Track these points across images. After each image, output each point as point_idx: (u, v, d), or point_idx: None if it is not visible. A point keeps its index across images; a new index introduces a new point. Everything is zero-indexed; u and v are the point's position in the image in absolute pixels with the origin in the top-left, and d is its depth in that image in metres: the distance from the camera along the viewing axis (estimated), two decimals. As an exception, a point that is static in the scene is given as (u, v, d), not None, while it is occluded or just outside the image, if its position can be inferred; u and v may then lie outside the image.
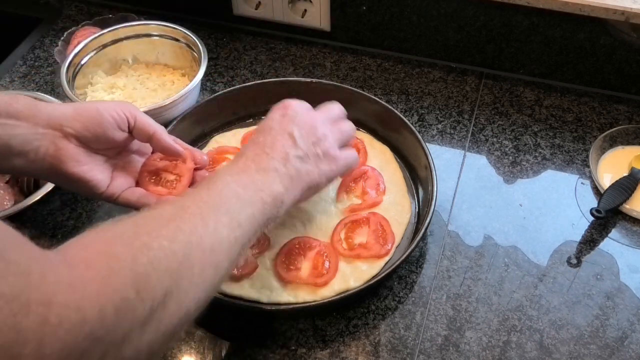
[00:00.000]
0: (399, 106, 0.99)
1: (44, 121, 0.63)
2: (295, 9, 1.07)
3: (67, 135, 0.64)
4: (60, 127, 0.63)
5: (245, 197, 0.59)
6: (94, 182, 0.66)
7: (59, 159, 0.63)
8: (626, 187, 0.83)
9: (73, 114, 0.64)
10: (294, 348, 0.72)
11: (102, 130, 0.66)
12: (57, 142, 0.63)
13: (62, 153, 0.63)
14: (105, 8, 1.18)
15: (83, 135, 0.65)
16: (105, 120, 0.66)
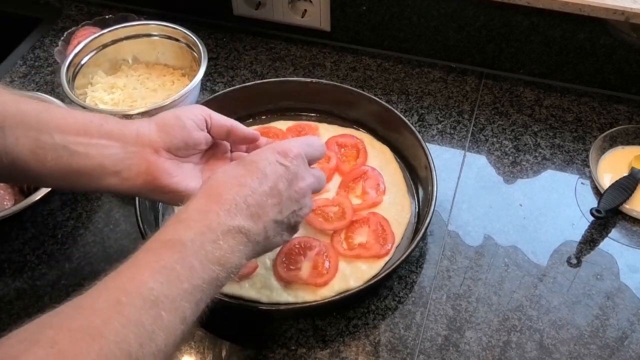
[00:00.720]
0: (399, 106, 0.99)
1: (132, 139, 0.64)
2: (295, 9, 1.07)
3: (157, 150, 0.65)
4: (149, 142, 0.65)
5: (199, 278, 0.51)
6: (187, 191, 0.66)
7: (152, 174, 0.64)
8: (626, 187, 0.83)
9: (157, 127, 0.66)
10: (294, 348, 0.72)
11: (187, 134, 0.66)
12: (148, 158, 0.64)
13: (154, 168, 0.64)
14: (105, 8, 1.18)
15: (172, 144, 0.66)
16: (188, 124, 0.67)
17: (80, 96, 0.92)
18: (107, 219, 0.85)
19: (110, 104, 0.93)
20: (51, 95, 0.93)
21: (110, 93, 0.95)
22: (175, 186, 0.66)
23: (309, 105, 0.95)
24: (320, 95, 0.93)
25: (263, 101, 0.95)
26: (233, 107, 0.94)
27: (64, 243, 0.82)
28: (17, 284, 0.78)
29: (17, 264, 0.80)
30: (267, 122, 0.94)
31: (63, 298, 0.76)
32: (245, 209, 0.56)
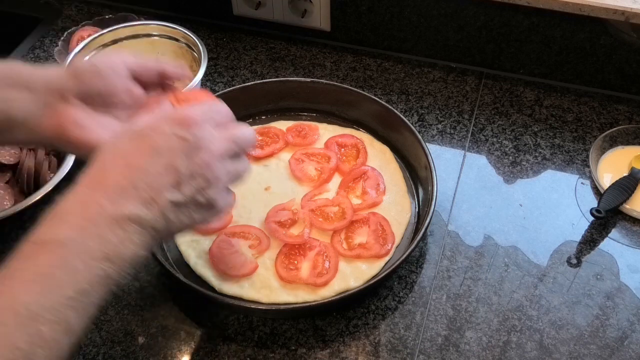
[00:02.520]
0: (399, 106, 0.99)
1: (42, 87, 0.58)
2: (295, 9, 1.07)
3: (66, 98, 0.59)
4: (58, 89, 0.59)
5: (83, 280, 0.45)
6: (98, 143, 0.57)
7: (59, 124, 0.58)
8: (626, 187, 0.83)
9: (69, 73, 0.60)
10: (294, 348, 0.72)
11: (101, 81, 0.60)
12: (57, 107, 0.58)
13: (63, 118, 0.58)
14: (105, 8, 1.18)
15: (82, 91, 0.59)
16: (102, 70, 0.60)
17: (80, 96, 0.92)
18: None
19: (110, 104, 0.93)
20: (51, 95, 0.93)
21: (110, 93, 0.95)
22: (84, 137, 0.59)
23: (309, 105, 0.95)
24: (320, 95, 0.93)
25: (263, 101, 0.95)
26: (233, 107, 0.93)
27: (64, 243, 0.82)
28: (17, 284, 0.77)
29: (17, 264, 0.79)
30: (267, 122, 0.94)
31: (63, 298, 0.76)
32: (135, 193, 0.48)
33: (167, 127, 0.51)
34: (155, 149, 0.50)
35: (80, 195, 0.48)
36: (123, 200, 0.47)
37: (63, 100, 0.59)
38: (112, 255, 0.46)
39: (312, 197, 0.83)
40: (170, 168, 0.50)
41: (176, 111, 0.55)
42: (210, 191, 0.53)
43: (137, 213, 0.48)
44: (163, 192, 0.49)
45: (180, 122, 0.51)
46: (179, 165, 0.50)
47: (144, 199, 0.48)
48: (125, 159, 0.49)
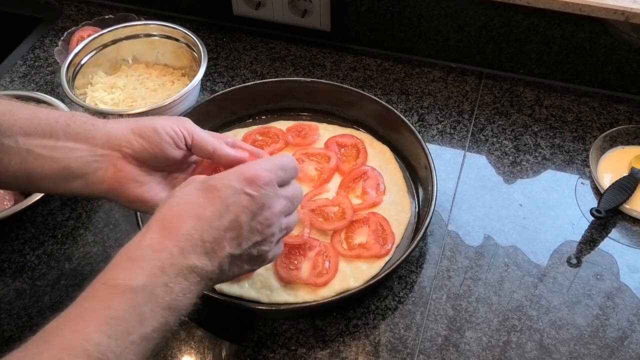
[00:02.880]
0: (399, 106, 0.99)
1: (102, 142, 0.61)
2: (295, 9, 1.07)
3: (125, 156, 0.62)
4: (118, 147, 0.61)
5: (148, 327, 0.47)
6: (155, 201, 0.63)
7: (119, 180, 0.61)
8: (626, 187, 0.83)
9: (131, 134, 0.62)
10: (294, 348, 0.72)
11: (160, 149, 0.63)
12: (116, 164, 0.61)
13: (121, 175, 0.61)
14: (105, 8, 1.18)
15: (142, 155, 0.62)
16: (164, 139, 0.63)
17: (80, 96, 0.92)
18: (107, 219, 0.85)
19: (110, 103, 0.93)
20: (51, 95, 0.93)
21: (110, 93, 0.95)
22: (142, 195, 0.62)
23: (309, 105, 0.95)
24: (320, 95, 0.93)
25: (263, 101, 0.95)
26: (233, 107, 0.94)
27: (64, 243, 0.82)
28: (17, 284, 0.78)
29: (17, 264, 0.80)
30: (267, 122, 0.94)
31: (63, 298, 0.77)
32: (201, 245, 0.51)
33: (237, 184, 0.54)
34: (225, 205, 0.53)
35: (153, 241, 0.51)
36: (191, 252, 0.51)
37: (123, 158, 0.62)
38: (174, 304, 0.49)
39: (312, 197, 0.83)
40: (235, 224, 0.54)
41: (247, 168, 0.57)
42: (264, 246, 0.57)
43: (199, 265, 0.51)
44: (225, 245, 0.53)
45: (249, 181, 0.55)
46: (243, 221, 0.54)
47: (207, 250, 0.52)
48: (195, 211, 0.53)
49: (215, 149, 0.65)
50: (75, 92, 0.91)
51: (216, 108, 0.93)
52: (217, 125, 0.94)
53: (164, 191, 0.65)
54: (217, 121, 0.93)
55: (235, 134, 0.92)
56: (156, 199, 0.63)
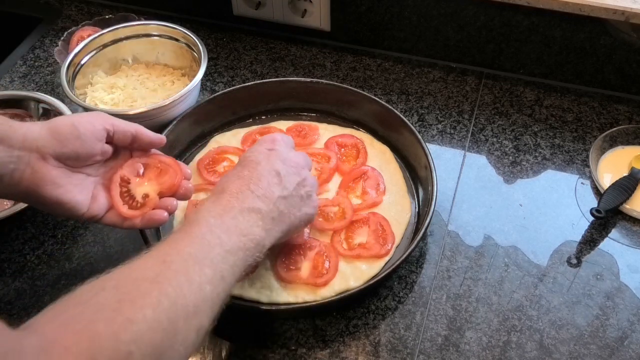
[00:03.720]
0: (399, 106, 0.99)
1: (19, 143, 0.59)
2: (295, 9, 1.07)
3: (44, 156, 0.61)
4: (36, 148, 0.60)
5: (228, 244, 0.57)
6: (73, 204, 0.63)
7: (36, 182, 0.60)
8: (626, 187, 0.83)
9: (49, 132, 0.61)
10: (294, 348, 0.72)
11: (80, 145, 0.63)
12: (33, 165, 0.60)
13: (38, 176, 0.60)
14: (105, 8, 1.18)
15: (61, 153, 0.62)
16: (82, 134, 0.62)
17: (80, 96, 0.92)
18: (107, 219, 0.85)
19: (110, 104, 0.93)
20: (51, 95, 0.93)
21: (110, 93, 0.95)
22: (59, 197, 0.62)
23: (309, 105, 0.95)
24: (320, 95, 0.94)
25: (263, 101, 0.95)
26: (233, 107, 0.94)
27: (64, 243, 0.82)
28: (17, 284, 0.78)
29: (17, 264, 0.80)
30: (267, 122, 0.94)
31: (63, 298, 0.76)
32: (251, 194, 0.62)
33: (259, 147, 0.69)
34: (256, 162, 0.66)
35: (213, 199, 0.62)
36: (246, 199, 0.62)
37: (41, 159, 0.61)
38: (246, 231, 0.59)
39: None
40: (272, 171, 0.65)
41: (264, 136, 0.71)
42: (306, 187, 0.68)
43: (257, 206, 0.62)
44: (273, 190, 0.64)
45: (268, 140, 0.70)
46: (278, 168, 0.66)
47: (260, 196, 0.63)
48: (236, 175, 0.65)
49: (137, 130, 0.68)
50: (75, 92, 0.91)
51: (216, 108, 0.93)
52: (217, 125, 0.94)
53: (83, 194, 0.64)
54: (217, 121, 0.94)
55: (235, 134, 0.92)
56: (74, 201, 0.63)
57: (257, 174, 0.65)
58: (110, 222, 0.67)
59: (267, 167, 0.66)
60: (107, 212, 0.67)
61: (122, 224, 0.68)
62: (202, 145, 0.92)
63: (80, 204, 0.64)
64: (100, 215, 0.66)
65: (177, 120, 0.88)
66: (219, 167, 0.87)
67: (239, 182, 0.63)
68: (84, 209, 0.64)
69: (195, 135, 0.92)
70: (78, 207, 0.64)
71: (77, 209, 0.64)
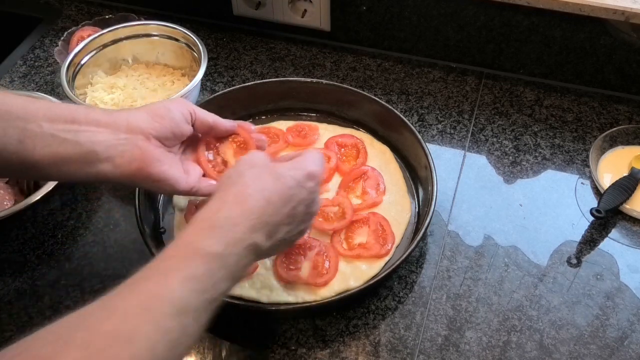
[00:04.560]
0: (399, 106, 0.99)
1: (124, 127, 0.64)
2: (295, 9, 1.07)
3: (148, 137, 0.65)
4: (140, 130, 0.65)
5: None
6: (176, 178, 0.67)
7: (144, 161, 0.64)
8: (626, 187, 0.83)
9: (149, 116, 0.66)
10: (294, 348, 0.72)
11: (176, 125, 0.68)
12: (140, 146, 0.64)
13: (146, 155, 0.65)
14: (105, 8, 1.18)
15: (162, 134, 0.67)
16: (176, 116, 0.68)
17: (80, 96, 0.92)
18: (107, 219, 0.85)
19: (110, 104, 0.93)
20: (51, 95, 0.93)
21: (110, 93, 0.95)
22: (164, 174, 0.66)
23: (309, 105, 0.95)
24: (320, 95, 0.94)
25: (263, 101, 0.95)
26: (233, 107, 0.94)
27: (64, 243, 0.82)
28: (17, 284, 0.78)
29: (17, 264, 0.80)
30: (267, 122, 0.94)
31: (63, 298, 0.76)
32: (264, 227, 0.58)
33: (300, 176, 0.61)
34: (289, 194, 0.60)
35: (231, 214, 0.56)
36: (258, 231, 0.57)
37: (146, 139, 0.65)
38: (237, 274, 0.55)
39: None
40: (292, 214, 0.60)
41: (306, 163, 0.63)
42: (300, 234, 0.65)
43: (260, 243, 0.57)
44: (280, 230, 0.60)
45: (309, 176, 0.62)
46: (298, 212, 0.61)
47: (268, 232, 0.58)
48: (264, 194, 0.59)
49: (215, 120, 0.73)
50: (75, 92, 0.91)
51: (216, 108, 0.92)
52: (217, 125, 0.94)
53: (179, 170, 0.69)
54: (217, 121, 0.93)
55: (235, 134, 0.92)
56: (176, 176, 0.68)
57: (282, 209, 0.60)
58: (207, 190, 0.71)
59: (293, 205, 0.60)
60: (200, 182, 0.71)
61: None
62: (202, 145, 0.92)
63: (181, 178, 0.68)
64: (197, 186, 0.70)
65: (177, 120, 0.88)
66: (219, 167, 0.87)
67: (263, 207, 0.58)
68: (183, 182, 0.69)
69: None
70: (180, 180, 0.68)
71: (179, 183, 0.68)
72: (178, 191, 0.69)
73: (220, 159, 0.75)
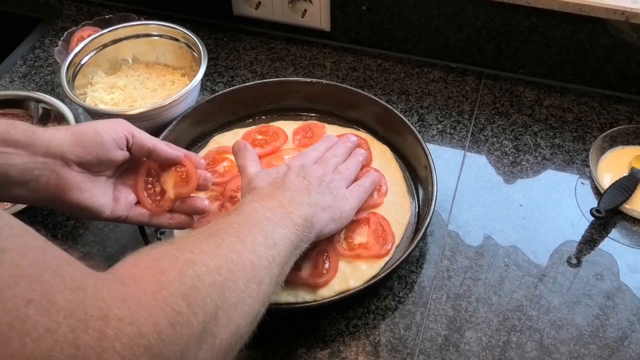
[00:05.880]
0: (399, 106, 0.99)
1: (43, 149, 0.60)
2: (295, 9, 1.07)
3: (68, 162, 0.62)
4: (61, 154, 0.61)
5: (275, 219, 0.60)
6: (98, 207, 0.65)
7: (61, 188, 0.62)
8: (626, 187, 0.83)
9: (73, 139, 0.62)
10: (293, 348, 0.72)
11: (103, 152, 0.64)
12: (58, 171, 0.61)
13: (64, 182, 0.62)
14: (105, 8, 1.18)
15: (85, 160, 0.63)
16: (106, 141, 0.64)
17: (80, 96, 0.92)
18: (107, 219, 0.85)
19: (110, 104, 0.93)
20: (51, 95, 0.93)
21: (110, 93, 0.95)
22: (83, 202, 0.63)
23: (309, 105, 0.95)
24: (320, 95, 0.94)
25: (263, 101, 0.95)
26: (233, 107, 0.94)
27: (64, 243, 0.82)
28: (17, 284, 0.77)
29: (17, 264, 0.79)
30: (267, 122, 0.94)
31: (63, 298, 0.76)
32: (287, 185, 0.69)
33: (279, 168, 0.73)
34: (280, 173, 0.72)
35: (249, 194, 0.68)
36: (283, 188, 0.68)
37: (65, 165, 0.62)
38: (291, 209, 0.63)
39: None
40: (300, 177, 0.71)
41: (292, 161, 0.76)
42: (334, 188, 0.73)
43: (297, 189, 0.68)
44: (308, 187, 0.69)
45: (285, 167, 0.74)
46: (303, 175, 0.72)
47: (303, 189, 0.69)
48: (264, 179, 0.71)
49: (155, 145, 0.69)
50: (75, 92, 0.91)
51: (216, 108, 0.93)
52: (217, 125, 0.94)
53: (105, 196, 0.66)
54: (217, 121, 0.94)
55: (235, 134, 0.92)
56: (98, 205, 0.65)
57: (286, 180, 0.69)
58: (136, 220, 0.70)
59: (292, 172, 0.71)
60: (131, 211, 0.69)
61: (150, 221, 0.71)
62: (202, 145, 0.92)
63: (104, 207, 0.66)
64: (125, 215, 0.68)
65: (177, 120, 0.88)
66: (219, 167, 0.87)
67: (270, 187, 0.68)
68: (107, 211, 0.66)
69: (195, 135, 0.92)
70: (102, 209, 0.66)
71: (102, 212, 0.66)
72: (103, 219, 0.67)
73: (160, 188, 0.71)
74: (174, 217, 0.72)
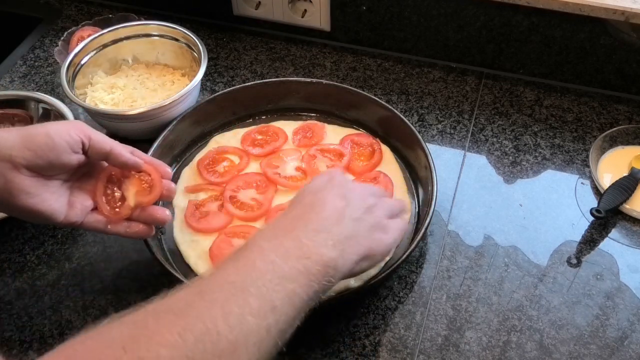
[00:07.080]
0: (399, 106, 0.99)
1: None
2: (295, 9, 1.07)
3: (17, 166, 0.59)
4: (9, 157, 0.58)
5: (284, 269, 0.51)
6: (49, 212, 0.62)
7: (10, 192, 0.59)
8: (626, 187, 0.83)
9: (23, 142, 0.59)
10: (293, 348, 0.72)
11: (55, 156, 0.61)
12: (6, 174, 0.59)
13: (12, 186, 0.59)
14: (105, 8, 1.18)
15: (35, 163, 0.60)
16: (58, 144, 0.61)
17: (80, 96, 0.92)
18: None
19: (110, 104, 0.93)
20: (51, 95, 0.93)
21: (110, 93, 0.95)
22: (34, 207, 0.61)
23: (309, 105, 0.95)
24: (320, 96, 0.94)
25: (263, 101, 0.95)
26: (233, 107, 0.94)
27: (64, 243, 0.82)
28: (17, 284, 0.78)
29: (17, 264, 0.80)
30: (267, 122, 0.94)
31: (63, 298, 0.76)
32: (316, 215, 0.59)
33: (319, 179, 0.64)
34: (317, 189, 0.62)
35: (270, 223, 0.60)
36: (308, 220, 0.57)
37: (14, 169, 0.59)
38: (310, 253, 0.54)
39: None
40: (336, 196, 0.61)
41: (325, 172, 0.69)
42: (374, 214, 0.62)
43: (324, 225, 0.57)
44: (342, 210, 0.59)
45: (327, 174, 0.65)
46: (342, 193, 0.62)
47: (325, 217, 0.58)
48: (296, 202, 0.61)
49: (113, 148, 0.65)
50: (75, 92, 0.91)
51: (216, 108, 0.93)
52: (217, 125, 0.94)
53: (59, 201, 0.63)
54: (217, 121, 0.94)
55: (235, 134, 0.92)
56: (50, 210, 0.62)
57: (320, 197, 0.60)
58: (91, 227, 0.67)
59: (330, 191, 0.61)
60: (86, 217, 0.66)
61: (106, 228, 0.67)
62: (202, 145, 0.92)
63: (56, 212, 0.63)
64: (80, 221, 0.66)
65: (177, 120, 0.88)
66: (219, 167, 0.87)
67: (301, 207, 0.59)
68: (60, 216, 0.64)
69: (195, 135, 0.92)
70: (55, 215, 0.63)
71: (54, 217, 0.63)
72: (57, 224, 0.64)
73: (120, 195, 0.69)
74: (131, 226, 0.68)
